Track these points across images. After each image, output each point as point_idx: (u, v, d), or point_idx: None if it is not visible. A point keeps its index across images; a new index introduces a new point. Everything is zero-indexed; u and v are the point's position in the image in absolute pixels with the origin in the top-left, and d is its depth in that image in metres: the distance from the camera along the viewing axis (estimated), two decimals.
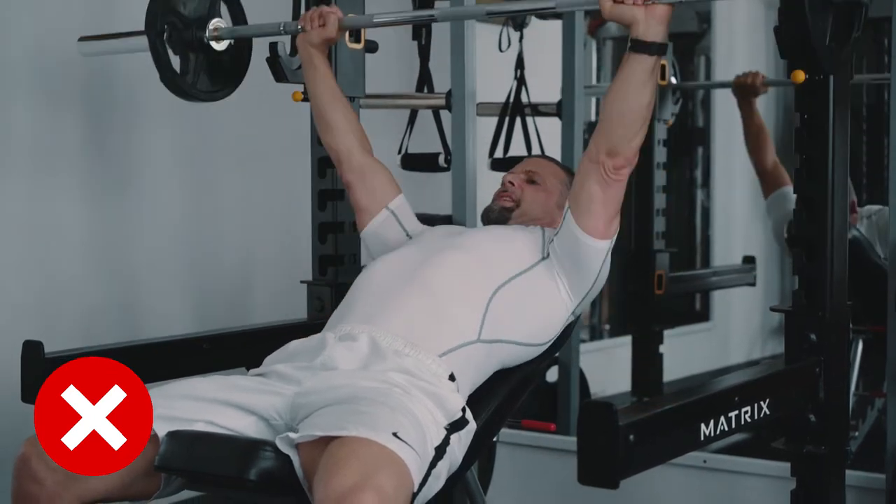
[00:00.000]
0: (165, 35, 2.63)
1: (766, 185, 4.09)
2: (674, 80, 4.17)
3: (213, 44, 2.70)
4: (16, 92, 3.20)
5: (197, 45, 2.68)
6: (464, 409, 2.14)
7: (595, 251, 2.30)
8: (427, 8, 3.44)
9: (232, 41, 2.73)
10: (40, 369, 2.32)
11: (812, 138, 2.27)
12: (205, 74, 2.70)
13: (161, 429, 1.99)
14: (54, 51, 3.26)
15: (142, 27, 2.65)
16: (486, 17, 2.53)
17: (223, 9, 2.73)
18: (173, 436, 1.99)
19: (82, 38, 2.96)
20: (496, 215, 2.53)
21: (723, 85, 5.09)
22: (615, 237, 2.33)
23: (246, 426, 2.07)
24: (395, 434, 1.86)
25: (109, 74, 3.37)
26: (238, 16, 2.77)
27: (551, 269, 2.34)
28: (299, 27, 2.55)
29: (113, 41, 2.92)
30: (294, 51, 2.74)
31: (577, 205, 2.29)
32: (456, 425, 2.09)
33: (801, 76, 2.23)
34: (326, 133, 2.60)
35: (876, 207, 3.80)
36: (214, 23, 2.70)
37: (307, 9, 2.76)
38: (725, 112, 5.41)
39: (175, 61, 2.65)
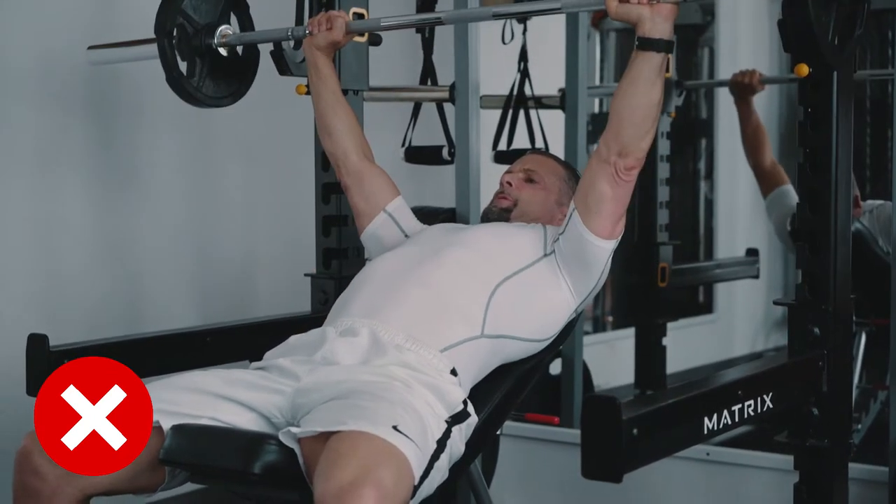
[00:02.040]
0: (174, 39, 2.63)
1: (764, 185, 4.08)
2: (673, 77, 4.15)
3: (221, 50, 2.70)
4: (22, 88, 3.20)
5: (205, 50, 2.68)
6: (465, 402, 2.14)
7: (601, 251, 2.30)
8: (432, 9, 3.44)
9: (240, 48, 2.73)
10: (45, 362, 2.33)
11: (816, 131, 2.27)
12: (211, 80, 2.70)
13: (166, 422, 2.00)
14: (62, 52, 3.26)
15: (148, 36, 2.65)
16: (492, 18, 2.54)
17: (232, 17, 2.73)
18: (178, 429, 1.99)
19: (91, 47, 2.96)
20: (496, 216, 2.53)
21: (721, 84, 5.06)
22: (620, 237, 2.33)
23: (247, 422, 2.07)
24: (395, 427, 1.86)
25: (115, 71, 3.36)
26: (246, 24, 2.77)
27: (554, 267, 2.34)
28: (307, 31, 2.56)
29: (121, 49, 2.92)
30: (298, 45, 2.74)
31: (585, 205, 2.28)
32: (457, 418, 2.09)
33: (804, 70, 2.22)
34: (325, 137, 2.62)
35: (878, 202, 3.80)
36: (223, 29, 2.70)
37: (311, 13, 2.77)
38: (729, 104, 5.38)
39: (182, 67, 2.65)
